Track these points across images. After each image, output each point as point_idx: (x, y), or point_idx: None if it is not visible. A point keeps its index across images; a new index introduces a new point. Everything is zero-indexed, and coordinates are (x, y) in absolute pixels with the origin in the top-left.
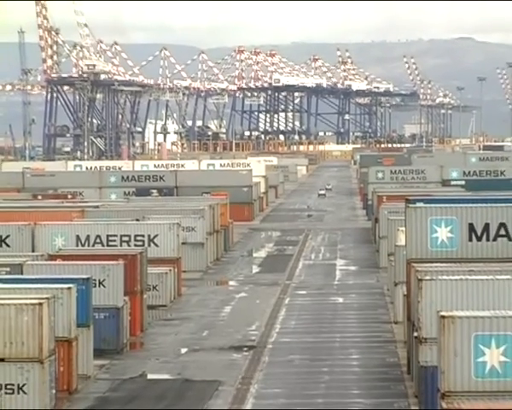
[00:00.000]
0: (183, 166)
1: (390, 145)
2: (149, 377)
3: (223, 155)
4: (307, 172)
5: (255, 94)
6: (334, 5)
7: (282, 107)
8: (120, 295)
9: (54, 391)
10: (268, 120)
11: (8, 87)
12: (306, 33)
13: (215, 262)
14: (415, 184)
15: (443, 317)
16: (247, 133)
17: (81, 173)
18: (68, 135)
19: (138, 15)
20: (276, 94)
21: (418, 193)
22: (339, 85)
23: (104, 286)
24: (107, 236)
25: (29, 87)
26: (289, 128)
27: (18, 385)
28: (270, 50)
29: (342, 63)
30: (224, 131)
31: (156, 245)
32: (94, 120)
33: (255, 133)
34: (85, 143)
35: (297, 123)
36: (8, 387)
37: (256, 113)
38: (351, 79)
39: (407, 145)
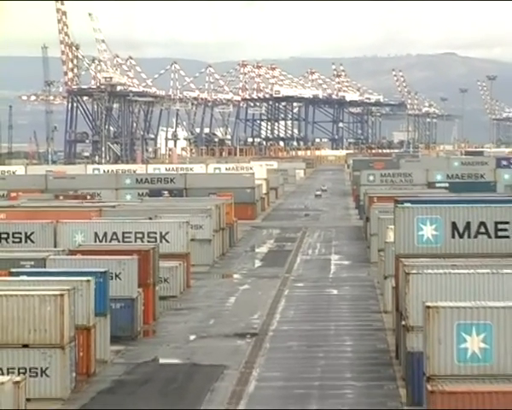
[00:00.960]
0: (191, 169)
1: (380, 151)
2: (161, 361)
3: (228, 160)
4: (305, 175)
5: (257, 104)
6: (329, 23)
7: (282, 116)
8: (135, 286)
9: (74, 374)
10: (269, 127)
11: (33, 97)
12: (304, 49)
13: (221, 257)
14: (403, 186)
15: (428, 307)
16: (249, 140)
17: (99, 176)
18: (87, 141)
19: (151, 32)
20: (277, 104)
21: (406, 194)
22: (333, 96)
23: (120, 279)
24: (123, 233)
25: (52, 97)
26: (288, 135)
27: (41, 369)
28: (270, 64)
29: (337, 76)
30: (229, 137)
31: (167, 241)
32: (111, 128)
33: (257, 140)
34: (103, 149)
35: (295, 130)
36: (33, 370)
37: (258, 121)
38: (344, 91)
39: (396, 151)
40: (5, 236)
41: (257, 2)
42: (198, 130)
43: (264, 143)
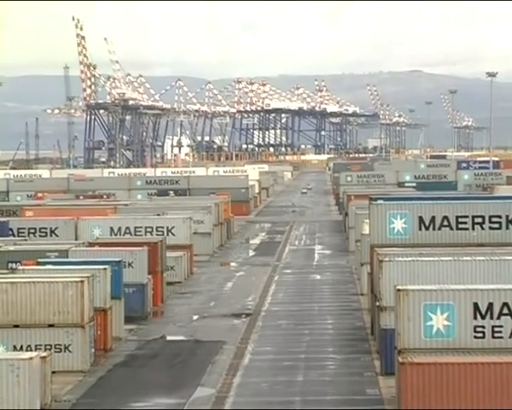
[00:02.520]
0: (193, 172)
1: (357, 155)
2: (168, 338)
3: (225, 164)
4: (292, 176)
5: (250, 115)
6: (312, 45)
7: (272, 125)
8: (145, 274)
9: (93, 350)
10: (261, 135)
11: (56, 111)
12: (291, 67)
13: (219, 248)
14: (376, 186)
15: (398, 290)
16: (244, 146)
17: (114, 178)
18: (104, 148)
19: (158, 53)
20: (267, 115)
21: (379, 193)
22: (316, 108)
23: (132, 267)
24: (135, 227)
25: (72, 111)
26: (277, 142)
27: (64, 345)
28: (262, 81)
29: (319, 91)
30: (226, 144)
31: (173, 235)
32: (124, 137)
33: (250, 146)
34: (117, 155)
35: (284, 138)
36: (57, 347)
37: (251, 130)
38: (326, 104)
39: (370, 155)
40: (33, 230)
41: (251, 29)
42: (199, 138)
43: (257, 149)
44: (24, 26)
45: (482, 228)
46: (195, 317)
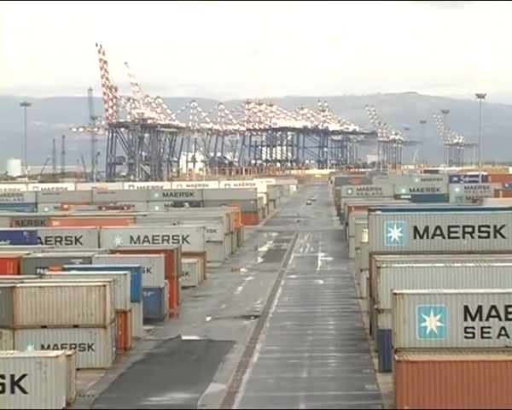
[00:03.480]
0: (207, 185)
1: (356, 170)
2: (183, 338)
3: (236, 178)
4: (297, 189)
5: (259, 133)
6: (316, 68)
7: (279, 142)
8: (162, 278)
9: (114, 349)
10: (268, 152)
11: (81, 129)
12: (296, 89)
13: (230, 255)
14: (374, 198)
15: (395, 294)
16: (253, 162)
17: (133, 191)
18: (124, 163)
19: (175, 76)
20: (274, 133)
21: (377, 204)
22: (319, 127)
23: (150, 272)
24: (153, 236)
25: (96, 129)
26: (284, 158)
27: (88, 344)
28: (269, 102)
29: (322, 111)
30: (236, 160)
31: (188, 242)
32: (143, 153)
33: (259, 161)
34: (136, 170)
35: (289, 154)
36: (81, 346)
37: (259, 147)
38: (328, 123)
39: (369, 170)
40: (59, 239)
41: (260, 55)
42: (212, 154)
43: (265, 164)
44: (51, 51)
45: (472, 237)
46: (208, 318)
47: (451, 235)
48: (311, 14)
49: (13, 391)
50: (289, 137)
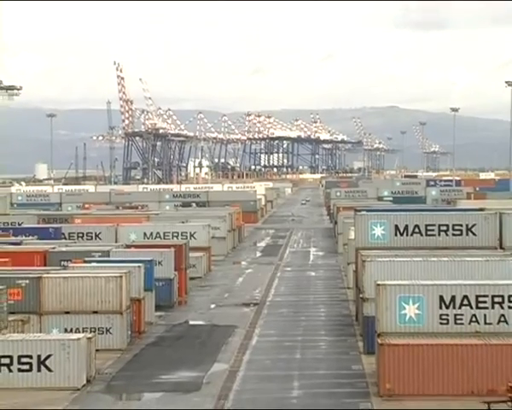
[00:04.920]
0: (212, 188)
1: (344, 175)
2: (191, 323)
3: (237, 181)
4: (291, 192)
5: (258, 142)
6: (308, 84)
7: (275, 150)
8: (172, 270)
9: (129, 332)
10: (266, 158)
11: (100, 138)
12: (291, 103)
13: (232, 249)
14: (360, 200)
15: (378, 285)
16: (252, 167)
17: (147, 193)
18: (139, 168)
19: (184, 91)
20: (271, 142)
21: (362, 205)
22: (311, 136)
23: (161, 265)
24: (164, 232)
25: (113, 138)
26: (280, 164)
27: (106, 328)
28: (267, 114)
29: (314, 122)
30: (238, 165)
31: (195, 238)
32: (155, 159)
33: (258, 167)
34: (150, 174)
35: (285, 160)
36: (100, 330)
37: (258, 154)
38: (319, 133)
39: (355, 175)
40: (81, 235)
41: (260, 72)
42: (216, 160)
43: (263, 169)
44: (75, 68)
45: (446, 234)
46: (213, 306)
47: (428, 233)
48: (306, 37)
49: (39, 369)
50: (285, 146)
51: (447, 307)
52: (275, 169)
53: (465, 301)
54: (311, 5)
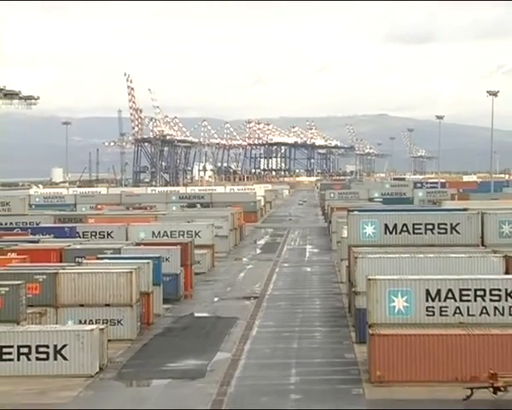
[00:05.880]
0: (215, 190)
1: (338, 177)
2: (196, 315)
3: (239, 184)
4: (289, 193)
5: (258, 147)
6: (305, 94)
7: (274, 155)
8: (178, 266)
9: (139, 323)
10: (265, 162)
11: (112, 144)
12: (289, 111)
13: (234, 247)
14: (352, 200)
15: (369, 279)
16: (253, 170)
17: (155, 194)
18: (147, 172)
19: (190, 99)
20: (270, 147)
21: (354, 206)
22: (307, 142)
23: (169, 261)
24: (171, 231)
25: (124, 143)
26: (278, 167)
27: (117, 320)
28: (266, 122)
29: (310, 129)
30: (239, 169)
31: (199, 237)
32: (162, 163)
33: (258, 170)
34: (157, 177)
35: (283, 164)
36: (112, 321)
37: (258, 158)
38: (314, 139)
39: (348, 177)
40: (94, 233)
41: (260, 83)
42: (219, 164)
43: (262, 172)
44: (88, 79)
45: (432, 233)
46: (216, 299)
47: (416, 231)
48: (303, 51)
49: (55, 358)
50: (283, 151)
51: (433, 300)
52: (273, 172)
53: (450, 295)
54: (308, 22)
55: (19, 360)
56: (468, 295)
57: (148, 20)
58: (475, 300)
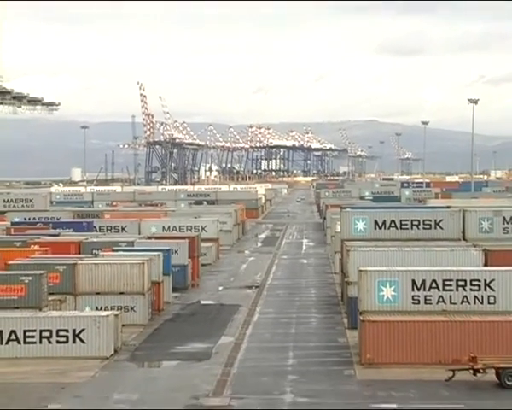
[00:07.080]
0: (220, 188)
1: (332, 177)
2: (202, 302)
3: (241, 183)
4: (287, 192)
5: (259, 150)
6: (302, 101)
7: (274, 157)
8: (186, 258)
9: (150, 310)
10: (266, 163)
11: (126, 146)
12: (287, 117)
13: (237, 241)
14: (345, 199)
15: (360, 270)
16: (254, 171)
17: (165, 192)
18: (158, 172)
19: (197, 105)
20: (270, 150)
21: (347, 203)
22: (304, 145)
23: (177, 253)
24: (179, 226)
25: (137, 146)
26: (277, 168)
27: (131, 307)
28: (267, 126)
29: (306, 133)
30: (242, 169)
31: (205, 231)
32: (172, 164)
33: (259, 171)
34: (167, 176)
35: (282, 165)
36: (126, 308)
37: (259, 160)
38: (311, 142)
39: (341, 177)
40: (109, 228)
41: (263, 90)
42: (224, 165)
43: (263, 173)
44: (105, 87)
45: (418, 228)
46: (221, 288)
47: (403, 227)
48: (301, 62)
49: (74, 341)
50: (282, 153)
51: (418, 290)
52: (273, 173)
53: (433, 285)
54: (307, 35)
55: (41, 342)
56: (450, 285)
57: (159, 34)
58: (457, 289)
